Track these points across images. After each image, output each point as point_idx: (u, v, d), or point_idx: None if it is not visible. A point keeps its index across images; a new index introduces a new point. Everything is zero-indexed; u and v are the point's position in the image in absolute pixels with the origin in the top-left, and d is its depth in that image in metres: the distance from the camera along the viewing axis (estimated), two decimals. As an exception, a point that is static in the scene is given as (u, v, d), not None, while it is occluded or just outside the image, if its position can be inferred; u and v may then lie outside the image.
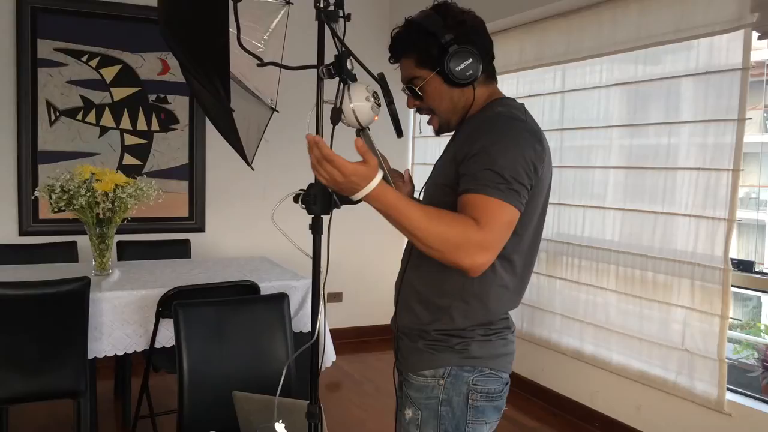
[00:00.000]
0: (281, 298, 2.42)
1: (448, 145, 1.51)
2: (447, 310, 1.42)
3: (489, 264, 1.28)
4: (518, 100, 1.49)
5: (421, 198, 1.54)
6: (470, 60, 1.37)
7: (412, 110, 1.53)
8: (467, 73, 1.37)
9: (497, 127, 1.37)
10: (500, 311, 1.46)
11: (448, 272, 1.35)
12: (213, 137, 4.34)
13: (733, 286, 2.75)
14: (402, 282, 1.52)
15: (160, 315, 2.64)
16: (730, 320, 2.79)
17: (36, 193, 2.87)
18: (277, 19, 1.87)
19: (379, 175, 1.22)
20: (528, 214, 1.38)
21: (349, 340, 4.72)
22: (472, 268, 1.26)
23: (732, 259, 2.75)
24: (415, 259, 1.47)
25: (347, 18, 1.30)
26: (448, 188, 1.39)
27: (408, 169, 1.62)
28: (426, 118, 1.53)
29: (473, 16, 1.44)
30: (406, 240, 1.57)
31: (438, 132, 1.53)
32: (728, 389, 2.79)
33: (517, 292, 1.47)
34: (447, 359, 1.42)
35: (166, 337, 2.68)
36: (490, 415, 1.45)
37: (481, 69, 1.39)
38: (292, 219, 1.48)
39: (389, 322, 1.62)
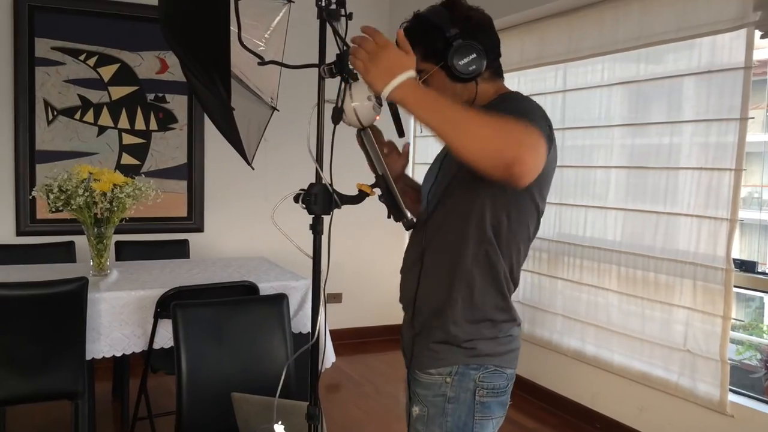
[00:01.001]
0: (280, 299, 2.42)
1: None
2: (454, 307, 1.42)
3: (532, 178, 1.20)
4: None
5: (427, 198, 1.53)
6: (474, 55, 1.37)
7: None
8: (470, 68, 1.38)
9: (510, 102, 1.39)
10: (506, 299, 1.46)
11: (458, 267, 1.36)
12: (212, 136, 4.34)
13: (735, 286, 2.75)
14: (410, 285, 1.50)
15: (158, 316, 2.64)
16: (733, 321, 2.79)
17: (33, 193, 2.87)
18: (279, 18, 1.87)
19: (414, 71, 1.21)
20: (522, 203, 1.39)
21: (349, 341, 4.71)
22: (520, 173, 1.16)
23: (734, 260, 2.74)
24: (428, 259, 1.46)
25: (349, 17, 1.30)
26: (464, 175, 1.36)
27: (408, 143, 1.61)
28: None
29: (480, 12, 1.44)
30: (407, 240, 1.57)
31: None
32: (730, 390, 2.79)
33: (515, 279, 1.48)
34: (454, 359, 1.43)
35: (165, 337, 2.67)
36: (496, 411, 1.46)
37: (485, 65, 1.39)
38: (293, 219, 1.47)
39: (389, 323, 1.62)
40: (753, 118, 2.68)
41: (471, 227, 1.39)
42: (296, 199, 1.33)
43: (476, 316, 1.43)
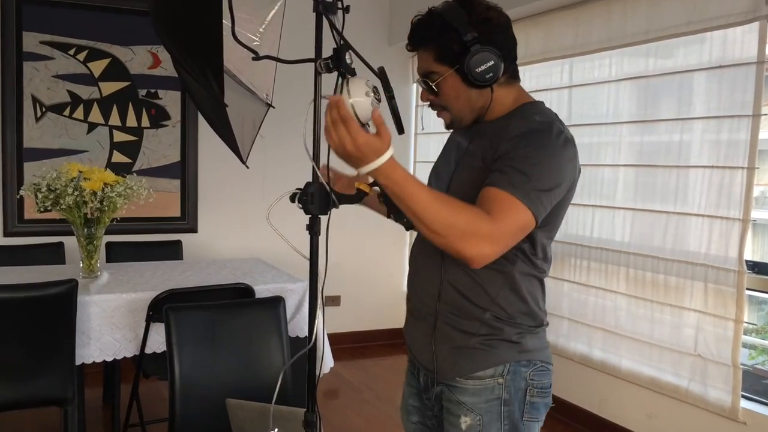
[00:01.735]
0: (277, 302, 2.42)
1: (471, 141, 1.49)
2: (494, 300, 1.41)
3: (493, 258, 1.28)
4: None
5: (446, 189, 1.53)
6: (492, 62, 1.36)
7: (414, 107, 1.53)
8: (488, 75, 1.36)
9: (542, 140, 1.36)
10: (542, 303, 1.48)
11: (488, 270, 1.36)
12: (206, 134, 4.34)
13: (747, 289, 2.75)
14: (433, 273, 1.47)
15: (150, 319, 2.64)
16: (745, 324, 2.79)
17: (21, 192, 2.87)
18: (274, 11, 1.87)
19: (390, 151, 1.21)
20: (561, 207, 1.42)
21: (347, 345, 4.72)
22: (475, 258, 1.26)
23: (747, 261, 2.74)
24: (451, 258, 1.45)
25: (346, 10, 1.30)
26: (479, 189, 1.37)
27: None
28: (433, 113, 1.52)
29: (499, 13, 1.41)
30: (408, 240, 1.57)
31: (449, 126, 1.52)
32: (743, 396, 2.79)
33: (548, 266, 1.50)
34: (506, 355, 1.41)
35: (157, 342, 2.68)
36: (542, 412, 1.45)
37: (502, 70, 1.38)
38: (289, 219, 1.48)
39: (389, 326, 1.62)
40: (766, 114, 2.68)
41: None
42: (292, 199, 1.33)
43: (521, 307, 1.42)
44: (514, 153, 1.33)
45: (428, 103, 1.50)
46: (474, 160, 1.44)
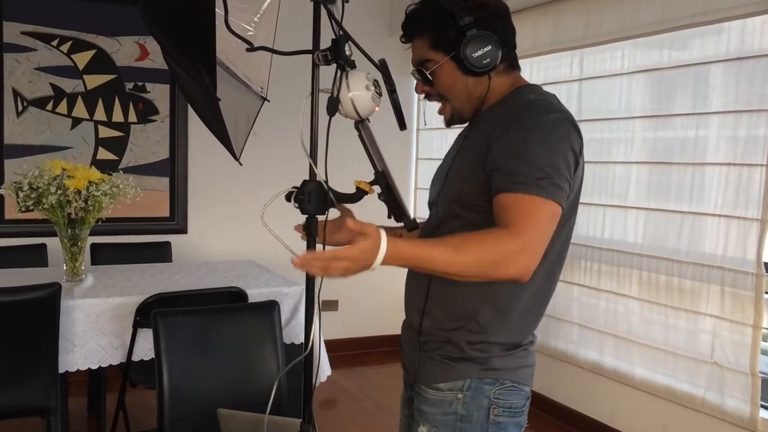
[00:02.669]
0: (271, 307, 2.42)
1: (466, 137, 1.51)
2: (473, 316, 1.42)
3: (536, 263, 1.27)
4: None
5: (438, 200, 1.53)
6: (489, 47, 1.37)
7: (416, 101, 1.53)
8: (484, 61, 1.38)
9: (533, 117, 1.36)
10: (530, 325, 1.47)
11: (475, 284, 1.37)
12: (196, 129, 4.34)
13: (766, 292, 2.75)
14: (419, 287, 1.51)
15: (138, 325, 2.64)
16: (764, 330, 2.79)
17: (1, 191, 2.87)
18: (269, 0, 1.87)
19: (383, 239, 1.19)
20: (564, 212, 1.39)
21: (345, 352, 4.72)
22: (520, 276, 1.26)
23: (766, 263, 2.75)
24: None
25: (345, -1, 1.30)
26: (474, 179, 1.39)
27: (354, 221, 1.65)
28: (436, 107, 1.53)
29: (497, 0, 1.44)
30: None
31: (449, 123, 1.53)
32: (762, 406, 2.79)
33: (545, 299, 1.48)
34: (466, 371, 1.42)
35: (145, 349, 2.68)
36: None
37: (500, 57, 1.39)
38: (284, 219, 1.48)
39: (390, 332, 1.63)
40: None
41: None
42: (288, 198, 1.33)
43: (491, 339, 1.42)
44: (510, 137, 1.33)
45: (423, 95, 1.51)
46: (468, 152, 1.45)
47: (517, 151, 1.31)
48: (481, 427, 1.42)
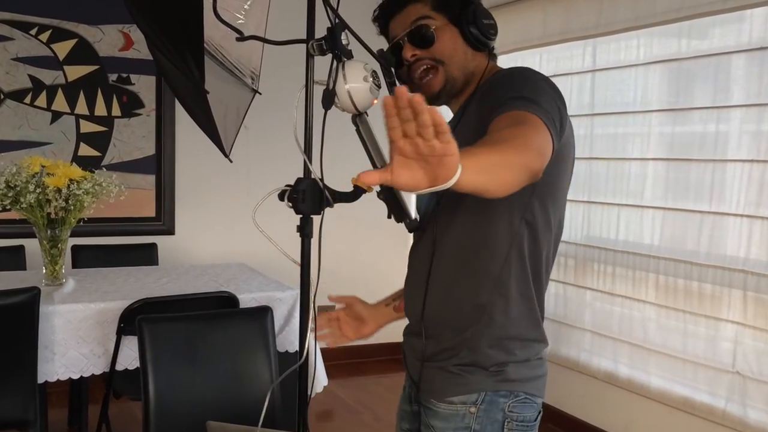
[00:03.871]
0: (264, 312, 2.42)
1: (459, 121, 1.48)
2: (485, 308, 1.41)
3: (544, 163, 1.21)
4: None
5: (439, 201, 1.52)
6: (493, 20, 1.39)
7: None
8: (491, 31, 1.40)
9: (516, 77, 1.39)
10: (537, 312, 1.47)
11: (485, 274, 1.37)
12: (184, 124, 4.34)
13: (792, 297, 2.75)
14: (422, 288, 1.49)
15: (122, 332, 2.64)
16: (789, 338, 2.79)
17: (-23, 190, 2.87)
18: (260, -14, 1.87)
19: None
20: (558, 191, 1.39)
21: (342, 361, 4.72)
22: (540, 169, 1.19)
23: (791, 267, 2.75)
24: (441, 263, 1.45)
25: (342, -15, 1.30)
26: None
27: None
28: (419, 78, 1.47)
29: None
30: (410, 243, 1.57)
31: (437, 95, 1.46)
32: (787, 419, 2.80)
33: (539, 300, 1.47)
34: (480, 384, 1.42)
35: (129, 357, 2.67)
36: None
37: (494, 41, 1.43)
38: (277, 219, 1.48)
39: (390, 340, 1.62)
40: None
41: (498, 223, 1.38)
42: (281, 197, 1.34)
43: (509, 332, 1.42)
44: (503, 92, 1.32)
45: (414, 59, 1.44)
46: (463, 135, 1.43)
47: (517, 93, 1.29)
48: None
